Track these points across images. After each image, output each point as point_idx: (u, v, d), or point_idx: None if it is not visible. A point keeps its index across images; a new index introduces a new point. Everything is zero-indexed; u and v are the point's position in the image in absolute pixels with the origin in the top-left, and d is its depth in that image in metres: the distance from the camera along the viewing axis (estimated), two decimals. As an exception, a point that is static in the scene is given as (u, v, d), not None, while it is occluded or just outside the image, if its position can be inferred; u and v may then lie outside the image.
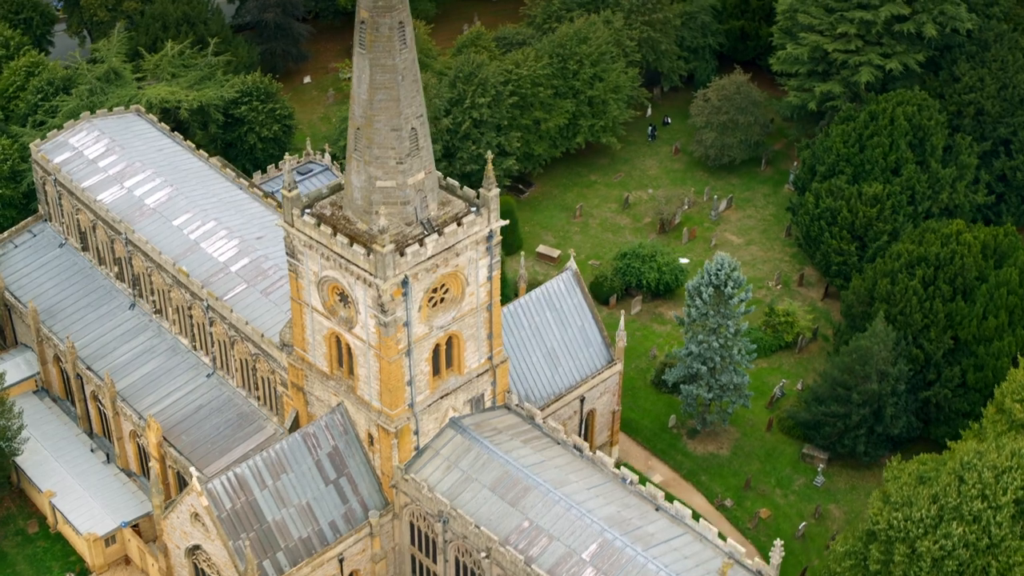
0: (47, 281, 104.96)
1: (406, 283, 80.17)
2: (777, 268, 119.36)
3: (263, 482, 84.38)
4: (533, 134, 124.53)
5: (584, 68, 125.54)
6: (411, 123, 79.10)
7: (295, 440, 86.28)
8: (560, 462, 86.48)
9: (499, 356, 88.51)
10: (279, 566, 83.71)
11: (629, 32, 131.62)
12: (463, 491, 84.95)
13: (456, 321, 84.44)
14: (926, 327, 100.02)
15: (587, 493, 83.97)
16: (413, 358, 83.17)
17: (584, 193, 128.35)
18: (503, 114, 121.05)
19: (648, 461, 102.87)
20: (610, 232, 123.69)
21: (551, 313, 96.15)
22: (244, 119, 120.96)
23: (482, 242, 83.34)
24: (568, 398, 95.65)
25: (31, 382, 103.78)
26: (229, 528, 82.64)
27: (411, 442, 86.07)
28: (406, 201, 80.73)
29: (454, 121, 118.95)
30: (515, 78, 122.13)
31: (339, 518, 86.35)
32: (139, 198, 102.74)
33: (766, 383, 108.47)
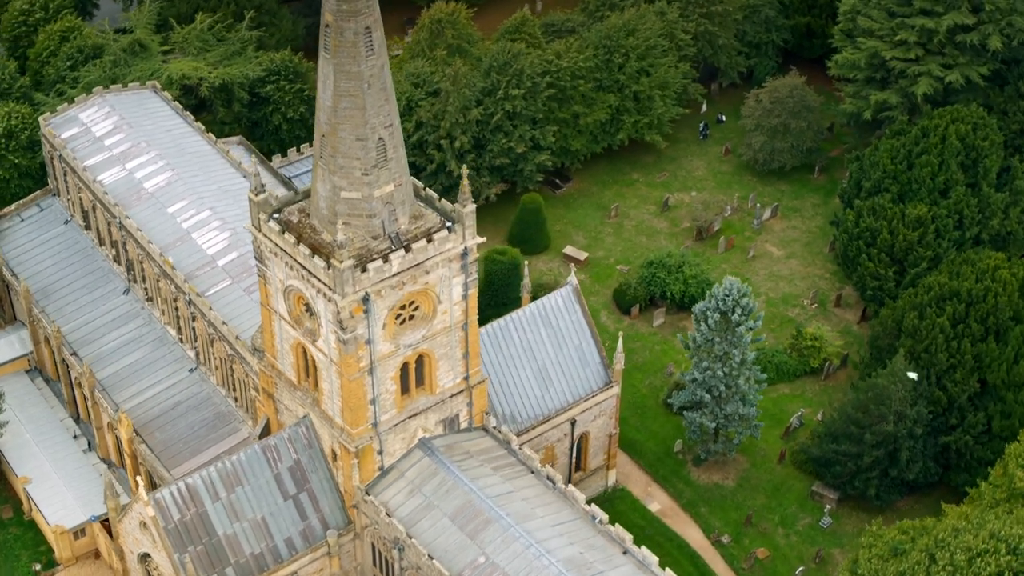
0: (47, 259, 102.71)
1: (367, 300, 76.00)
2: (815, 285, 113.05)
3: (216, 494, 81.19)
4: (571, 128, 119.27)
5: (630, 62, 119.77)
6: (378, 133, 74.71)
7: (254, 452, 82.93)
8: (529, 493, 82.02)
9: (476, 376, 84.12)
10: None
11: (684, 24, 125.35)
12: (423, 518, 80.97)
13: (427, 340, 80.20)
14: (951, 368, 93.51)
15: (551, 531, 79.44)
16: (377, 376, 79.18)
17: (623, 192, 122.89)
18: (538, 107, 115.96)
19: (648, 487, 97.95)
20: (644, 236, 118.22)
21: (546, 330, 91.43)
22: (270, 98, 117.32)
23: (456, 260, 78.86)
24: (557, 420, 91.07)
25: (24, 361, 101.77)
26: (175, 540, 79.67)
27: (374, 462, 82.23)
28: (372, 214, 76.48)
29: (485, 112, 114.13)
30: (554, 69, 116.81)
31: (296, 535, 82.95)
32: (138, 181, 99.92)
33: (784, 411, 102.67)
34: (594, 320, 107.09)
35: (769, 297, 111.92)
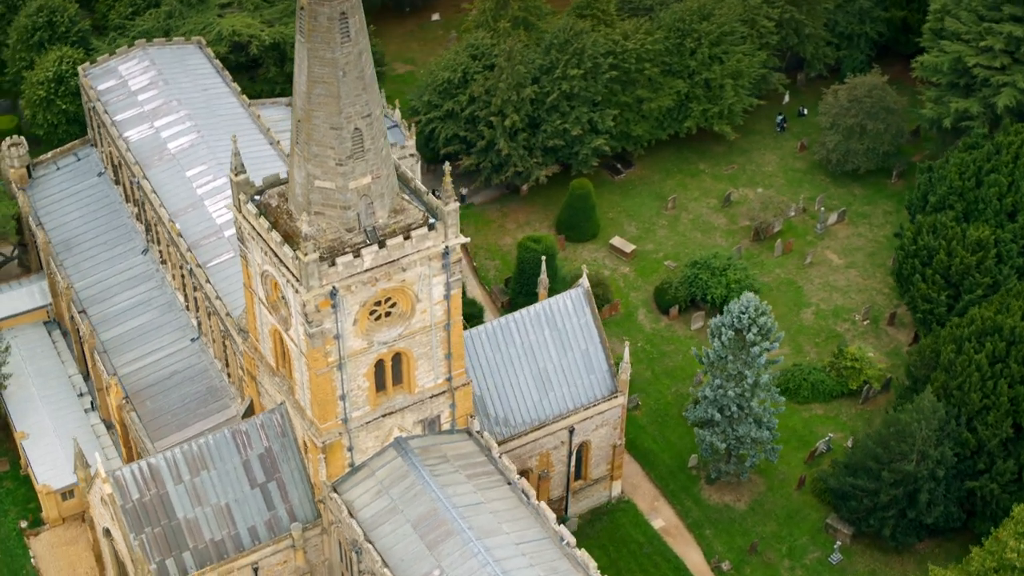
0: (74, 211, 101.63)
1: (335, 295, 72.82)
2: (870, 300, 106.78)
3: (179, 476, 79.15)
4: (634, 113, 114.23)
5: (702, 47, 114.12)
6: (354, 123, 71.18)
7: (223, 436, 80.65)
8: (500, 506, 78.41)
9: (460, 378, 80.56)
10: (183, 566, 78.63)
11: (768, 11, 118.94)
12: (385, 522, 77.94)
13: (404, 338, 76.85)
14: (984, 409, 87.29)
15: (514, 549, 75.74)
16: (347, 372, 76.14)
17: (686, 183, 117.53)
18: (599, 89, 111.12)
19: (655, 502, 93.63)
20: (700, 231, 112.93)
21: (550, 332, 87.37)
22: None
23: (436, 258, 75.20)
24: (553, 427, 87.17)
25: (42, 312, 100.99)
26: (132, 520, 77.92)
27: (343, 458, 79.33)
28: (347, 206, 73.12)
29: (541, 91, 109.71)
30: (620, 51, 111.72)
31: (261, 524, 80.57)
32: (163, 141, 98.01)
33: (814, 433, 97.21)
34: (630, 318, 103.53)
35: (819, 308, 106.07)
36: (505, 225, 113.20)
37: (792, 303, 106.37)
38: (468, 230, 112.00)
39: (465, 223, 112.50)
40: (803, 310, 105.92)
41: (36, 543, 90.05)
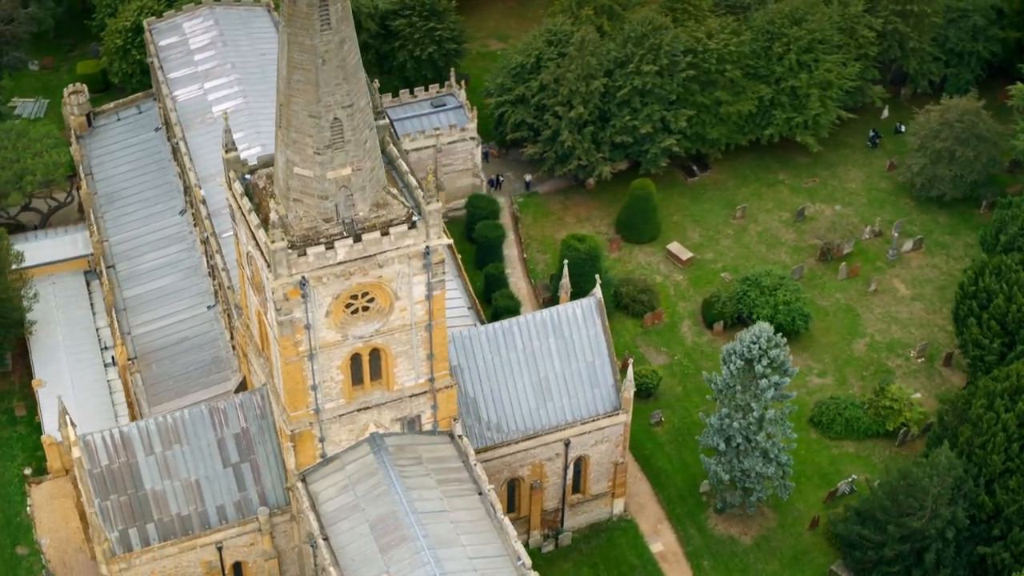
0: (125, 164, 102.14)
1: (305, 284, 71.22)
2: (930, 337, 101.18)
3: (150, 447, 78.70)
4: (711, 115, 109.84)
5: (790, 53, 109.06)
6: (334, 112, 69.22)
7: (198, 412, 79.90)
8: (463, 517, 76.18)
9: (443, 380, 78.34)
10: (146, 537, 78.36)
11: (870, 20, 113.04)
12: (345, 518, 76.39)
13: (382, 335, 74.96)
14: (1007, 472, 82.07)
15: (466, 563, 73.52)
16: (319, 363, 74.62)
17: (761, 192, 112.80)
18: (674, 87, 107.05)
19: (658, 524, 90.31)
20: (765, 245, 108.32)
21: (555, 341, 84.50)
22: (399, 33, 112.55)
23: (416, 257, 72.96)
24: (547, 438, 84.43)
25: (83, 262, 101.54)
26: (99, 485, 77.81)
27: (314, 448, 77.93)
28: (324, 196, 71.31)
29: (613, 84, 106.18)
30: (701, 50, 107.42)
31: (230, 504, 79.76)
32: (208, 104, 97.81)
33: (840, 472, 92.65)
34: (673, 328, 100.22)
35: (874, 340, 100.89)
36: (564, 218, 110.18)
37: (846, 331, 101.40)
38: (526, 219, 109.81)
39: (524, 212, 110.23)
40: (856, 340, 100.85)
41: (36, 491, 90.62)
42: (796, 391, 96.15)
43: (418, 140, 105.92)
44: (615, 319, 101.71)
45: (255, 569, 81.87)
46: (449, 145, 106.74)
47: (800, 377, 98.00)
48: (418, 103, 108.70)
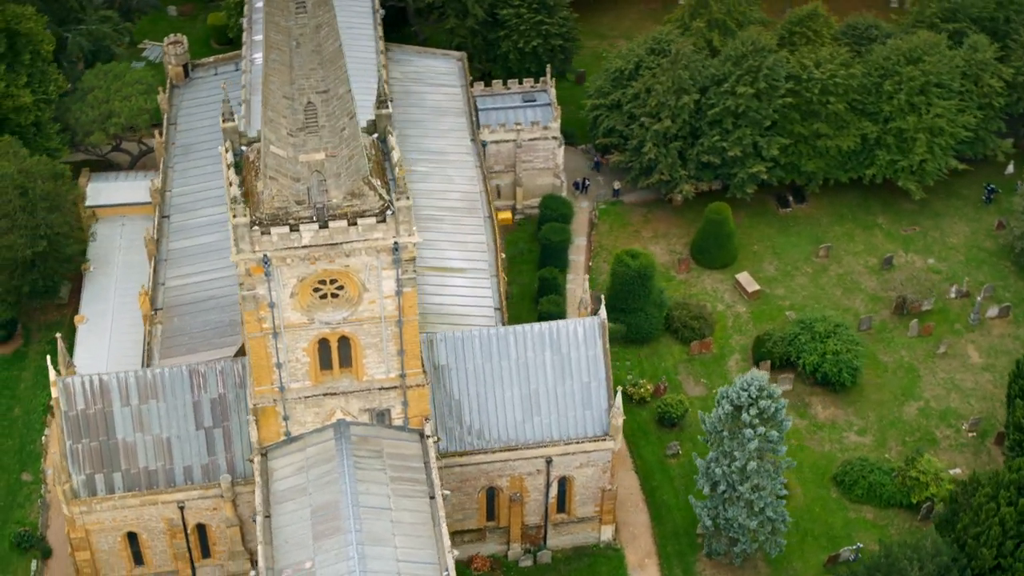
0: (208, 118, 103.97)
1: (267, 263, 71.43)
2: (989, 412, 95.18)
3: (127, 399, 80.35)
4: (809, 146, 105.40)
5: (901, 93, 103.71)
6: (308, 96, 69.15)
7: (178, 372, 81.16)
8: (404, 518, 75.42)
9: (414, 379, 77.68)
10: (112, 485, 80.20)
11: (999, 68, 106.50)
12: (291, 499, 76.58)
13: (350, 323, 74.76)
14: (998, 569, 76.92)
15: (390, 564, 72.83)
16: (284, 343, 75.00)
17: (854, 233, 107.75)
18: (770, 112, 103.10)
19: (646, 558, 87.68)
20: (842, 289, 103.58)
21: (552, 355, 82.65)
22: (506, 23, 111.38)
23: (385, 252, 72.40)
24: (528, 452, 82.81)
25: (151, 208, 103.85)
26: (72, 428, 79.95)
27: (278, 425, 78.36)
28: (296, 177, 71.27)
29: (706, 101, 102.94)
30: (805, 77, 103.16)
31: (197, 467, 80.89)
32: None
33: (851, 536, 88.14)
34: (719, 361, 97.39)
35: (928, 405, 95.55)
36: (641, 231, 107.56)
37: (900, 391, 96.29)
38: (602, 227, 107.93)
39: (603, 219, 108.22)
40: (909, 402, 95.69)
41: (54, 423, 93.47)
42: (829, 445, 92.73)
43: (498, 133, 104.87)
44: (661, 341, 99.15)
45: (218, 534, 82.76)
46: (530, 142, 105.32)
47: (836, 431, 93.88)
48: (509, 95, 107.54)
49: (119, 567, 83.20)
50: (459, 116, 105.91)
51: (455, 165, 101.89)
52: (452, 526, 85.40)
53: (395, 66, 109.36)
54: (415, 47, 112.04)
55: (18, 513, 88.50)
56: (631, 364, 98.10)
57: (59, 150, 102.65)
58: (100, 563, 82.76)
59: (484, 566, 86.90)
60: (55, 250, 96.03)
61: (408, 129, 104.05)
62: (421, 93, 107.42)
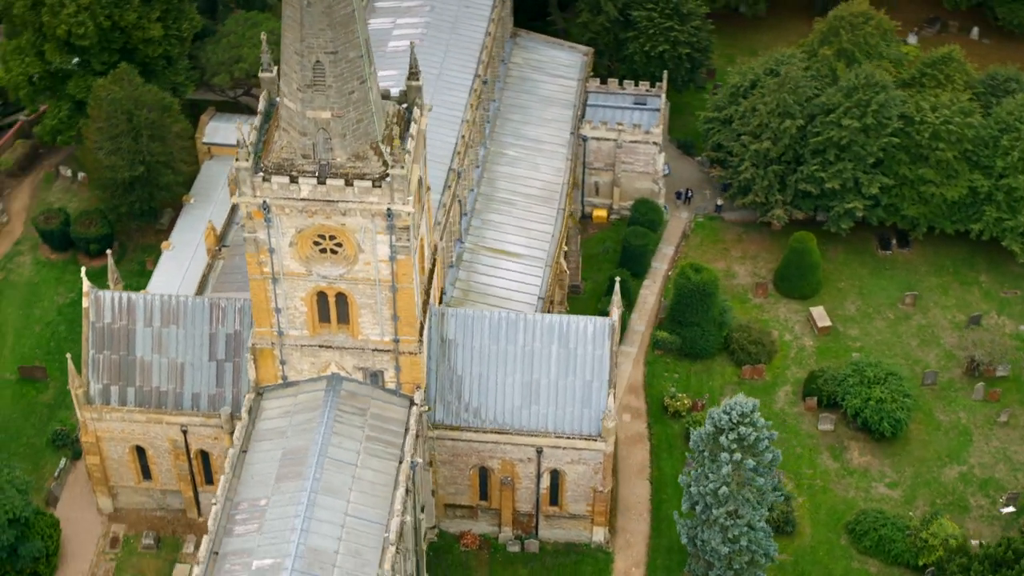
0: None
1: (268, 209, 74.70)
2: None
3: (150, 320, 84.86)
4: (913, 190, 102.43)
5: (1015, 150, 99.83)
6: (316, 55, 71.84)
7: (199, 303, 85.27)
8: (366, 476, 77.64)
9: (408, 345, 79.76)
10: (124, 398, 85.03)
11: None
12: (268, 440, 79.83)
13: (346, 281, 77.40)
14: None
15: (336, 516, 75.20)
16: (283, 289, 78.19)
17: (949, 287, 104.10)
18: (875, 150, 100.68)
19: (633, 567, 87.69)
20: (918, 340, 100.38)
21: (558, 348, 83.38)
22: (637, 24, 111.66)
23: (379, 216, 74.67)
24: (518, 439, 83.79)
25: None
26: (97, 338, 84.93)
27: (275, 369, 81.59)
28: (304, 132, 74.23)
29: (812, 129, 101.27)
30: (918, 120, 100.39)
31: (204, 395, 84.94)
32: (388, 38, 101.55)
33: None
34: (768, 390, 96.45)
35: (971, 472, 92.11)
36: (730, 250, 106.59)
37: (947, 452, 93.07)
38: (693, 239, 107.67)
39: (696, 232, 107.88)
40: (952, 465, 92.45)
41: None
42: (854, 492, 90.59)
43: (599, 130, 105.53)
44: (716, 360, 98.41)
45: (219, 463, 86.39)
46: (631, 144, 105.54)
47: (866, 479, 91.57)
48: (622, 95, 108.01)
49: (128, 478, 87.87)
50: (566, 108, 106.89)
51: (545, 154, 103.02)
52: (444, 499, 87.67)
53: (519, 52, 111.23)
54: (545, 36, 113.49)
55: (62, 414, 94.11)
56: (679, 377, 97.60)
57: (185, 86, 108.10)
58: (110, 471, 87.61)
59: (473, 544, 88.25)
60: (153, 177, 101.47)
61: (512, 114, 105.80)
62: (536, 81, 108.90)
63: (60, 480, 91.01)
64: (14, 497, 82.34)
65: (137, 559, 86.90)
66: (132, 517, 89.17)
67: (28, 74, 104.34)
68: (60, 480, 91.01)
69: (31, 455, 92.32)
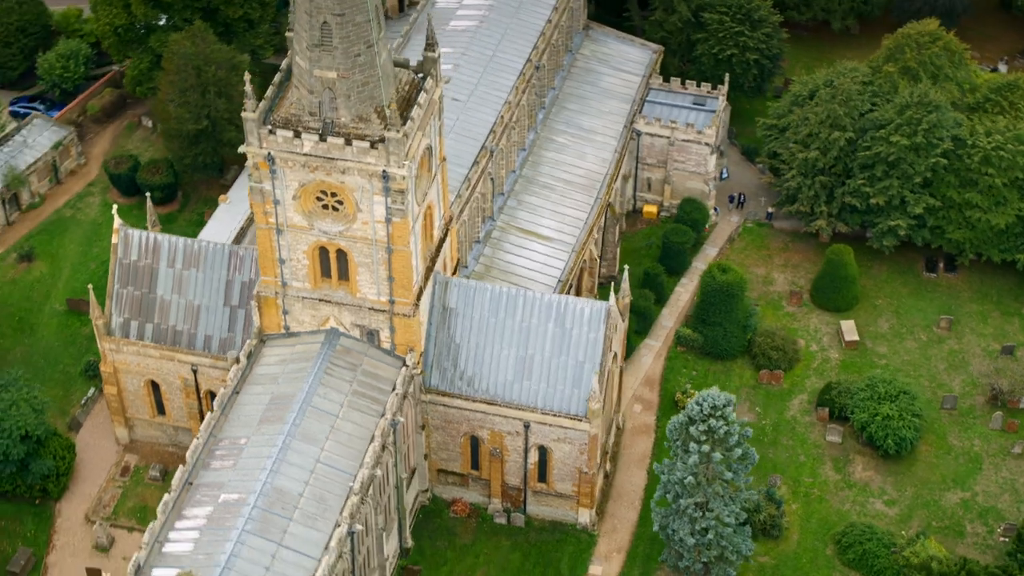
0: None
1: (272, 161, 78.06)
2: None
3: (172, 261, 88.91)
4: (958, 214, 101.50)
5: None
6: (324, 16, 74.87)
7: (219, 249, 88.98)
8: (345, 427, 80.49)
9: (403, 308, 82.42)
10: (142, 333, 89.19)
11: None
12: (260, 384, 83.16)
13: (345, 238, 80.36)
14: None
15: (309, 463, 78.25)
16: (286, 240, 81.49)
17: (989, 315, 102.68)
18: (922, 170, 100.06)
19: (615, 552, 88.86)
20: (947, 363, 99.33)
21: (554, 327, 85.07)
22: (707, 26, 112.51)
23: (376, 178, 77.44)
24: (507, 411, 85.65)
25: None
26: (123, 273, 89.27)
27: (278, 318, 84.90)
28: (311, 90, 77.33)
29: (863, 144, 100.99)
30: (970, 143, 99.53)
31: (216, 338, 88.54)
32: (450, 17, 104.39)
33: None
34: (783, 396, 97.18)
35: (974, 500, 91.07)
36: (773, 257, 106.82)
37: (952, 478, 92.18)
38: (739, 242, 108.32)
39: (742, 236, 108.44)
40: (955, 490, 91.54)
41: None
42: (850, 505, 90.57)
43: (653, 126, 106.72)
44: (737, 362, 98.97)
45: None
46: (683, 143, 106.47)
47: (865, 494, 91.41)
48: (682, 94, 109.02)
49: (143, 411, 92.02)
50: (624, 102, 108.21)
51: (595, 145, 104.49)
52: (437, 464, 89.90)
53: (589, 44, 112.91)
54: (617, 32, 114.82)
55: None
56: (696, 375, 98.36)
57: (264, 49, 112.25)
58: (127, 402, 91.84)
59: (463, 511, 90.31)
60: (217, 131, 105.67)
61: (569, 103, 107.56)
62: (599, 73, 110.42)
63: (86, 408, 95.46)
64: (28, 415, 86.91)
65: (142, 489, 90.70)
66: (145, 449, 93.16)
67: (114, 25, 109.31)
68: (86, 408, 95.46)
69: (64, 382, 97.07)
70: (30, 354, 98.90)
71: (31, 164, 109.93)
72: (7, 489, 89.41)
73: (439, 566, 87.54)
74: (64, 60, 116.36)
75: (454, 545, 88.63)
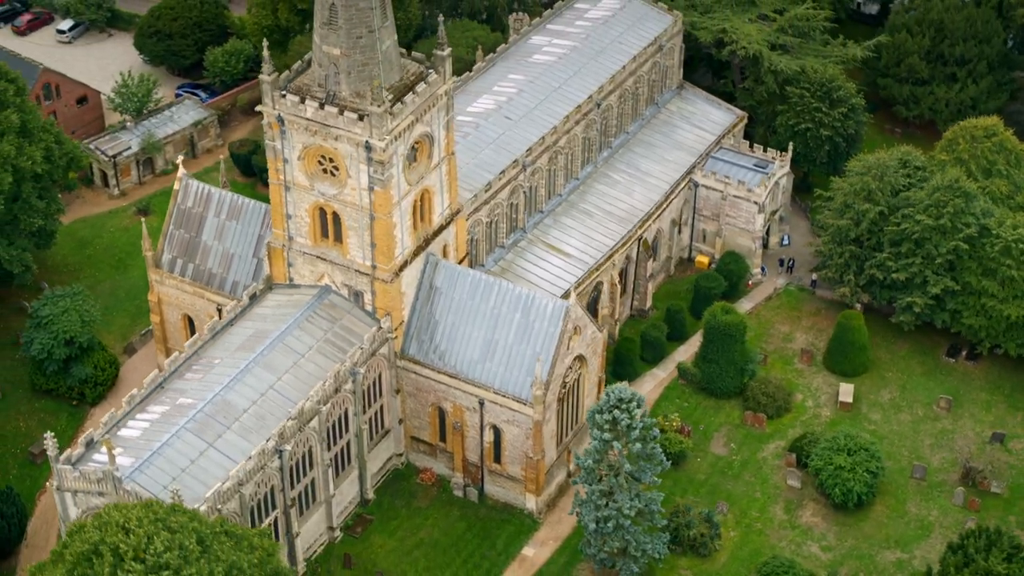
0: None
1: (283, 122, 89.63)
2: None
3: (219, 212, 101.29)
4: (976, 300, 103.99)
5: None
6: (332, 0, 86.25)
7: (257, 207, 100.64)
8: (305, 366, 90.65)
9: (383, 274, 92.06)
10: (185, 272, 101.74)
11: None
12: (250, 321, 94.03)
13: (338, 201, 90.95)
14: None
15: (263, 388, 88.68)
16: (292, 197, 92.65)
17: (993, 405, 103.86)
18: (944, 252, 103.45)
19: (551, 540, 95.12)
20: (933, 439, 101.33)
21: (520, 317, 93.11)
22: (789, 98, 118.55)
23: (360, 147, 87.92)
24: (465, 386, 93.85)
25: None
26: (179, 217, 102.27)
27: (284, 269, 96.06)
28: (320, 64, 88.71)
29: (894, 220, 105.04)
30: (994, 233, 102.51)
31: (243, 284, 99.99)
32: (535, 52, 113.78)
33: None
34: (760, 441, 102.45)
35: (911, 562, 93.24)
36: (802, 319, 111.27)
37: (897, 539, 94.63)
38: (774, 301, 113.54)
39: (781, 297, 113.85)
40: (896, 550, 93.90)
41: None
42: (786, 544, 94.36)
43: (709, 179, 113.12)
44: (728, 402, 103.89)
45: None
46: (735, 199, 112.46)
47: (805, 536, 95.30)
48: (747, 156, 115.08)
49: (180, 343, 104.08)
50: (691, 155, 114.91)
51: (646, 186, 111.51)
52: (410, 430, 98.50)
53: (677, 101, 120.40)
54: (708, 94, 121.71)
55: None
56: (688, 406, 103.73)
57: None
58: (168, 333, 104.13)
59: (429, 479, 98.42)
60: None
61: (637, 147, 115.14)
62: (677, 127, 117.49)
63: (144, 338, 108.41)
64: (76, 323, 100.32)
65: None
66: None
67: (263, 24, 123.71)
68: (144, 338, 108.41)
69: (135, 315, 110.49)
70: (116, 287, 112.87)
71: (169, 135, 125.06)
72: (51, 387, 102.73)
73: (389, 520, 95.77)
74: (228, 56, 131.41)
75: (410, 506, 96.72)
